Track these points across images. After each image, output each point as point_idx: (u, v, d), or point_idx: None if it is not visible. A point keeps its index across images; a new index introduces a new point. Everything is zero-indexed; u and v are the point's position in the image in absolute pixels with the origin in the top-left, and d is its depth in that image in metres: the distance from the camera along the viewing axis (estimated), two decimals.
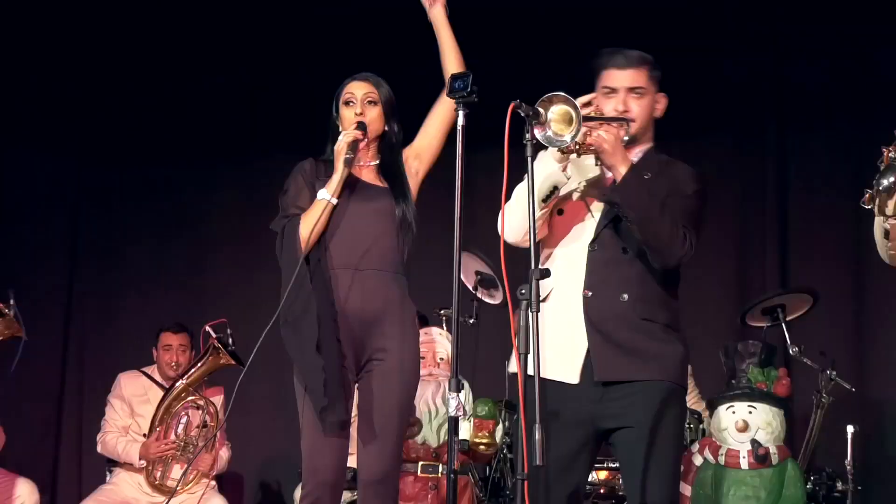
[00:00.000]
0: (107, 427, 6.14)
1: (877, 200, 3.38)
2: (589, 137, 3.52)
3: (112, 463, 6.12)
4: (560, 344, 3.58)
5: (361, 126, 4.07)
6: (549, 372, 3.51)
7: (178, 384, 5.99)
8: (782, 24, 6.64)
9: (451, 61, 4.14)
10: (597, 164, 3.61)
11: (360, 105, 4.11)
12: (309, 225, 3.97)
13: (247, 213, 7.32)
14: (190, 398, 6.00)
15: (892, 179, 3.35)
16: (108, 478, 6.12)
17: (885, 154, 3.44)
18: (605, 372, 3.53)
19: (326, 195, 3.99)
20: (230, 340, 5.91)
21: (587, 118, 3.50)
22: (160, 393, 6.07)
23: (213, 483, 6.05)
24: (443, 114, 4.14)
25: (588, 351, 3.56)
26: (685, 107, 6.67)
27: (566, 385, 3.57)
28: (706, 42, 6.77)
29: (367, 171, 4.16)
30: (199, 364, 6.00)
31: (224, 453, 6.11)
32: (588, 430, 3.59)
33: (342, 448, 3.99)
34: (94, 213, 7.79)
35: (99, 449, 6.17)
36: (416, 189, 4.18)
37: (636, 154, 3.72)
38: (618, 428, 3.58)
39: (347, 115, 4.11)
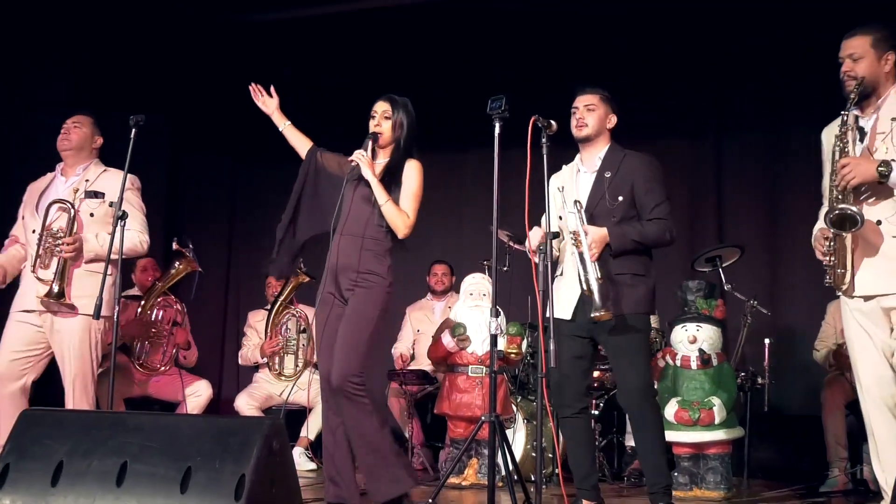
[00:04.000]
0: (243, 347, 6.30)
1: None
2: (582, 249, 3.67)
3: (256, 368, 6.24)
4: None
5: (373, 136, 4.00)
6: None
7: (277, 302, 6.13)
8: (723, 54, 6.61)
9: None
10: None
11: (378, 119, 4.01)
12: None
13: None
14: (286, 310, 6.13)
15: None
16: (253, 377, 6.26)
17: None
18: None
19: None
20: (303, 266, 5.89)
21: None
22: None
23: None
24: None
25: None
26: (653, 114, 6.72)
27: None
28: (671, 68, 6.77)
29: (378, 168, 3.98)
30: (286, 286, 6.15)
31: None
32: None
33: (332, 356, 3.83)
34: (245, 197, 7.82)
35: (240, 362, 6.34)
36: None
37: (600, 155, 3.85)
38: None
39: (370, 125, 4.04)
